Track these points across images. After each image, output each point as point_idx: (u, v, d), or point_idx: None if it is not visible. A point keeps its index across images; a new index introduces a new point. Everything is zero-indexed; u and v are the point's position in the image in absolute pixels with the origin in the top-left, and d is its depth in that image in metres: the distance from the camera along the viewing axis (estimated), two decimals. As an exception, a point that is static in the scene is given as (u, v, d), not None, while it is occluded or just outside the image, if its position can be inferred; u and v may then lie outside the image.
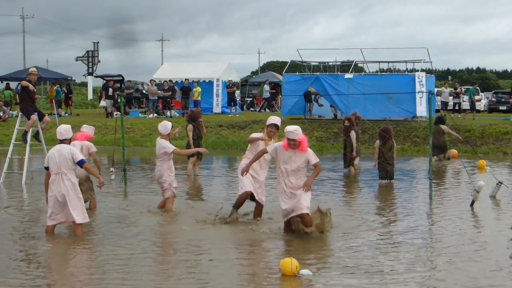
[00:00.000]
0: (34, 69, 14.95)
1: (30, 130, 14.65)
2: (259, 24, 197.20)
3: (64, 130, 8.98)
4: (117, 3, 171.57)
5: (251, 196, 9.58)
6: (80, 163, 8.83)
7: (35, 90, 14.97)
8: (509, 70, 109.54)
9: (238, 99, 34.82)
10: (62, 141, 8.93)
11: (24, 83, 14.29)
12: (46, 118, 15.19)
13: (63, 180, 8.68)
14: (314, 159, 8.54)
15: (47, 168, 8.85)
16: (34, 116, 14.38)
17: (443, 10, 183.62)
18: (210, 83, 30.94)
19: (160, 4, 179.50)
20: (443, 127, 18.97)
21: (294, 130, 8.46)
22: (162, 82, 30.70)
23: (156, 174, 10.71)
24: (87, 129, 11.40)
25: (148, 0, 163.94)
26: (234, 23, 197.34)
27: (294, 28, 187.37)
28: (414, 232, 9.27)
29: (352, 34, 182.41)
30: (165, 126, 10.73)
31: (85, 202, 11.07)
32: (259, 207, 9.71)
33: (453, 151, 19.73)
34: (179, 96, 30.07)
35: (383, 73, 28.68)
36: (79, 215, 8.76)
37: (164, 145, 10.52)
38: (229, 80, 31.26)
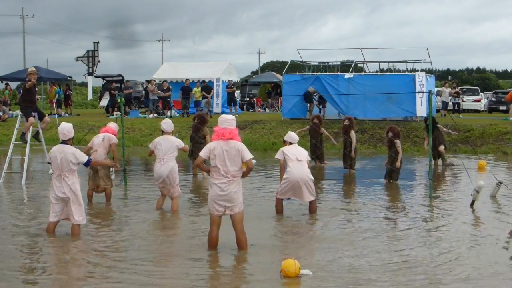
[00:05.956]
0: (33, 68, 14.93)
1: (31, 130, 14.65)
2: (267, 25, 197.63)
3: (67, 130, 8.91)
4: (123, 4, 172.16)
5: None
6: (87, 164, 8.96)
7: (36, 90, 14.98)
8: (509, 70, 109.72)
9: (238, 99, 34.79)
10: (65, 142, 8.93)
11: (28, 84, 14.25)
12: (46, 118, 15.17)
13: (65, 181, 8.73)
14: None
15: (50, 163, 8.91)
16: (32, 119, 14.40)
17: (453, 10, 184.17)
18: (210, 83, 30.93)
19: (169, 5, 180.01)
20: (439, 126, 18.07)
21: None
22: (162, 82, 30.65)
23: (166, 170, 10.60)
24: (114, 125, 12.21)
25: (156, 1, 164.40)
26: (243, 23, 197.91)
27: (303, 28, 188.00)
28: (414, 232, 9.27)
29: (361, 34, 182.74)
30: (170, 124, 11.02)
31: (100, 190, 11.34)
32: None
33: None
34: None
35: (383, 73, 28.67)
36: (79, 216, 8.83)
37: (177, 140, 10.83)
38: (229, 80, 31.26)
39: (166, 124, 10.98)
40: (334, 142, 17.75)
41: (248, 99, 39.75)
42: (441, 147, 17.50)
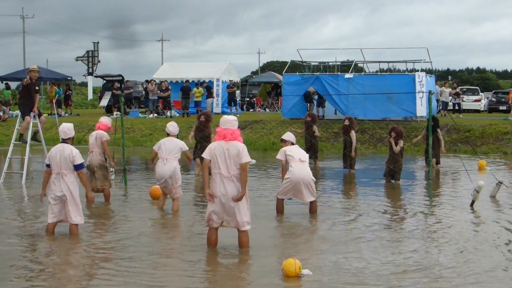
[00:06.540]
0: (35, 66, 14.92)
1: (30, 129, 14.65)
2: (268, 25, 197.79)
3: (68, 129, 8.94)
4: (123, 4, 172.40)
5: None
6: (77, 168, 8.79)
7: (37, 88, 14.96)
8: (509, 70, 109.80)
9: (238, 99, 34.79)
10: (65, 141, 8.92)
11: (25, 81, 14.26)
12: (42, 118, 15.18)
13: (64, 180, 8.71)
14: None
15: (48, 166, 8.85)
16: (28, 118, 14.40)
17: (453, 10, 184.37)
18: (210, 83, 30.94)
19: (170, 5, 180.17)
20: (439, 132, 17.18)
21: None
22: (161, 82, 30.63)
23: (168, 170, 10.58)
24: (105, 120, 12.10)
25: (157, 1, 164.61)
26: (243, 23, 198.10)
27: (304, 28, 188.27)
28: (414, 232, 9.27)
29: (361, 34, 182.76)
30: (175, 126, 11.12)
31: (98, 191, 11.31)
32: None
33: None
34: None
35: (383, 73, 28.68)
36: (76, 216, 8.83)
37: (181, 142, 10.92)
38: (229, 80, 31.26)
39: (172, 126, 11.09)
40: (317, 136, 17.83)
41: (248, 99, 39.77)
42: (433, 161, 15.94)
